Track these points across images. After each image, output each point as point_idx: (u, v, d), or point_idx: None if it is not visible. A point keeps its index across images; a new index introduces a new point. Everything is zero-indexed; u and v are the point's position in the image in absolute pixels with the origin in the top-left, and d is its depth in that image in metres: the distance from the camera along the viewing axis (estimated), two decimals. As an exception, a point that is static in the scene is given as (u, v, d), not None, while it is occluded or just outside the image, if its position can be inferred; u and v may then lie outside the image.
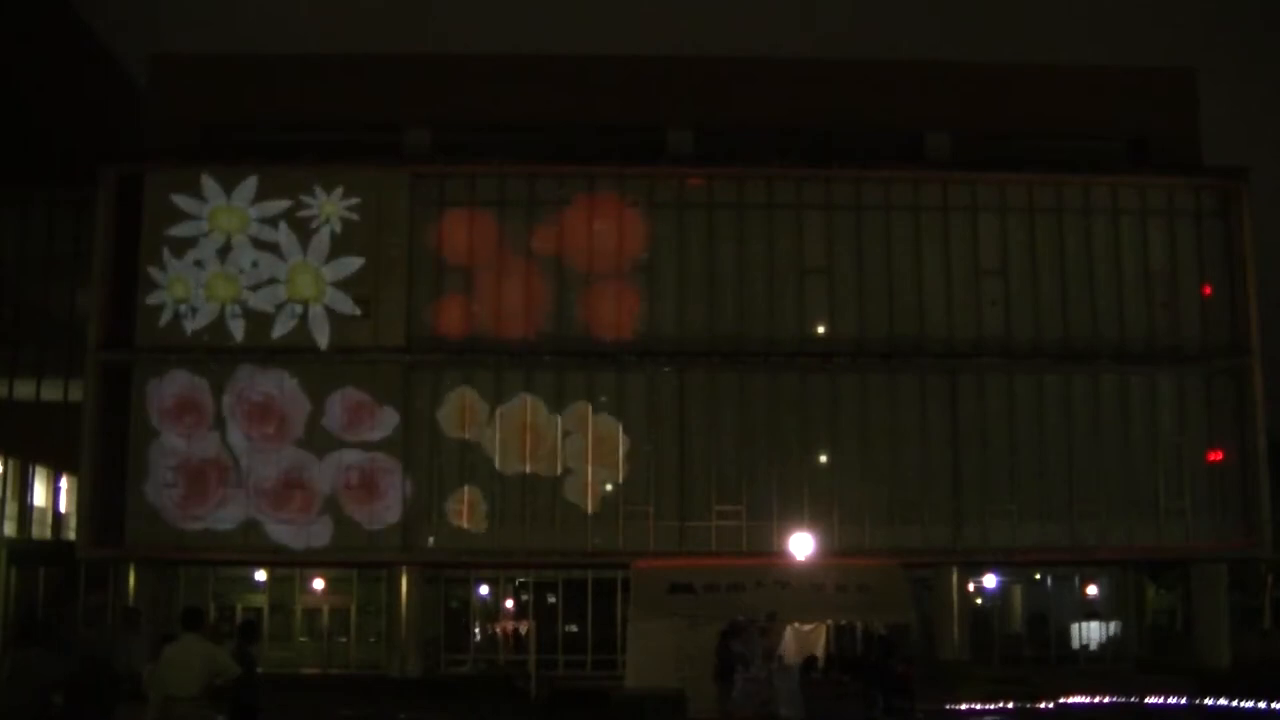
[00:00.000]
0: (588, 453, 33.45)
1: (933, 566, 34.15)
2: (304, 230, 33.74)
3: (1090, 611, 37.05)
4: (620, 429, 33.56)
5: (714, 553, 32.80)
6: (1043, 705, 26.03)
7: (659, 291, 34.20)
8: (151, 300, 33.42)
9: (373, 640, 35.02)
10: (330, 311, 33.53)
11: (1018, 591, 37.86)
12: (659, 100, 35.25)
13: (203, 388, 33.17)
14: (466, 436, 33.54)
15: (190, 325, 33.35)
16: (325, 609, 35.64)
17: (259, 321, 33.42)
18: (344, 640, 35.24)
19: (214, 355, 33.23)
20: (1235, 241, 35.04)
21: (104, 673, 21.34)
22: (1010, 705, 25.77)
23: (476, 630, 35.68)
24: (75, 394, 35.28)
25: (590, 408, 33.61)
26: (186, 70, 35.71)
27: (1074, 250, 34.91)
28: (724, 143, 35.30)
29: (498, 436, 33.52)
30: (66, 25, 43.30)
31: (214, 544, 32.82)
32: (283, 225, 33.73)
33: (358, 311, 33.57)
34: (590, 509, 33.28)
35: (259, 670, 15.70)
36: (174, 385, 33.15)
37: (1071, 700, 26.72)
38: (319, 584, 35.60)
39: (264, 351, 33.30)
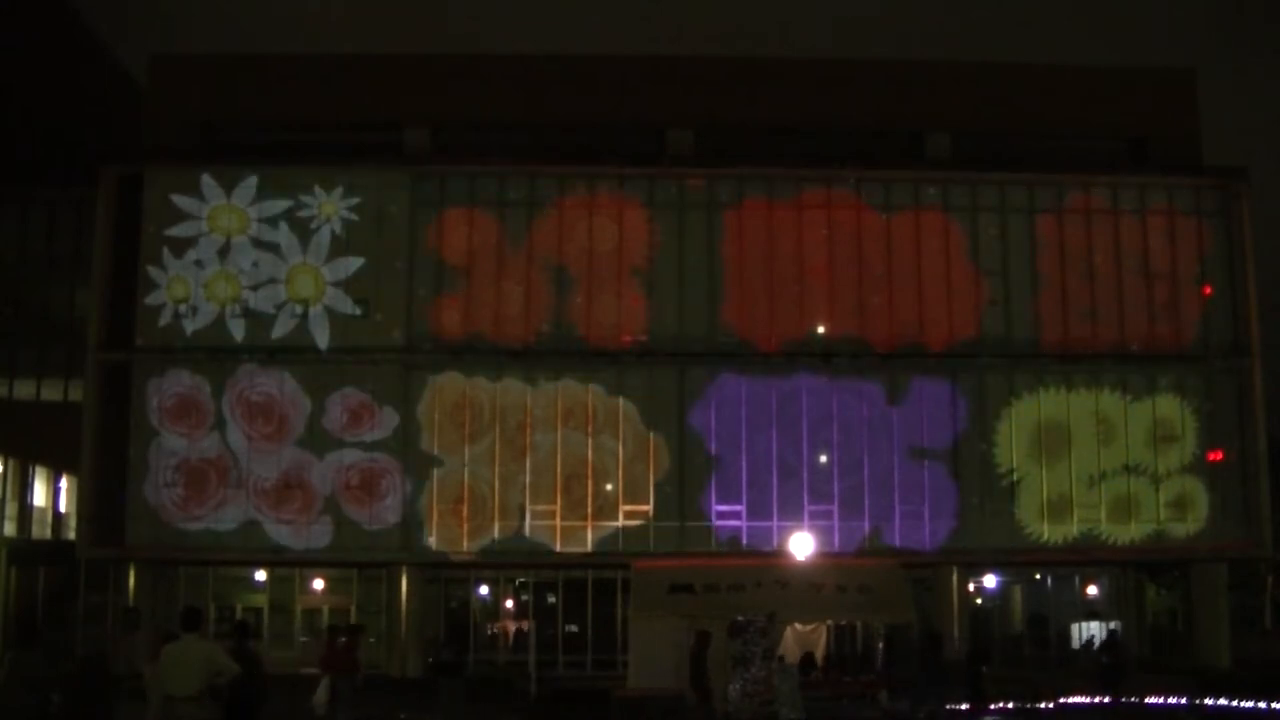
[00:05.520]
0: (588, 452, 33.47)
1: (933, 566, 34.16)
2: (304, 230, 33.76)
3: (1090, 611, 37.03)
4: (620, 429, 33.57)
5: (714, 553, 32.82)
6: (1043, 705, 26.00)
7: (659, 291, 34.21)
8: (151, 300, 33.43)
9: (373, 640, 34.95)
10: (330, 311, 33.55)
11: (1018, 591, 37.87)
12: (659, 100, 35.26)
13: (203, 388, 33.18)
14: (466, 436, 33.55)
15: (190, 325, 33.36)
16: (325, 609, 35.59)
17: (259, 321, 33.44)
18: (344, 640, 35.10)
19: (214, 355, 33.25)
20: (1235, 241, 35.11)
21: (103, 673, 21.38)
22: (1010, 705, 25.75)
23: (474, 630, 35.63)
24: (75, 394, 35.37)
25: (590, 407, 33.62)
26: (186, 70, 35.72)
27: (1074, 250, 34.95)
28: (724, 143, 35.30)
29: (497, 436, 33.53)
30: (66, 25, 43.30)
31: (214, 544, 32.84)
32: (283, 225, 33.76)
33: (358, 311, 33.60)
34: (591, 509, 33.29)
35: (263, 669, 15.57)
36: (174, 385, 33.17)
37: (1071, 700, 26.70)
38: (319, 584, 35.58)
39: (264, 351, 33.32)
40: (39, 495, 39.29)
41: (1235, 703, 24.63)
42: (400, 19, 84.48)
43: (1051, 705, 26.04)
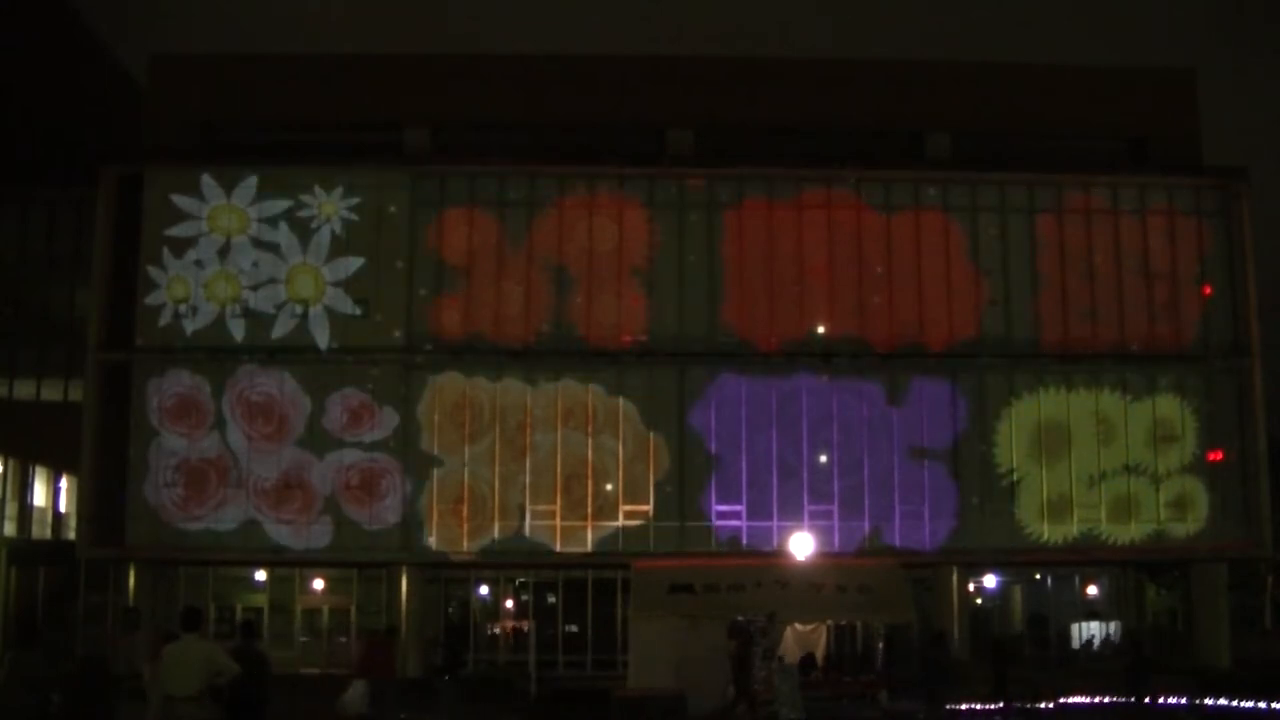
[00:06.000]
0: (588, 452, 33.47)
1: (933, 566, 34.16)
2: (304, 230, 33.76)
3: (1090, 611, 37.05)
4: (620, 429, 33.57)
5: (714, 553, 32.82)
6: (1043, 705, 26.01)
7: (659, 291, 34.20)
8: (151, 300, 33.42)
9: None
10: (330, 311, 33.55)
11: (1018, 591, 37.87)
12: (659, 100, 35.26)
13: (203, 388, 33.18)
14: (466, 436, 33.55)
15: (190, 325, 33.36)
16: (325, 609, 35.60)
17: (259, 321, 33.43)
18: (344, 640, 35.19)
19: (214, 355, 33.24)
20: (1235, 241, 35.12)
21: (103, 673, 21.40)
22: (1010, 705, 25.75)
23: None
24: (75, 394, 35.37)
25: (590, 408, 33.62)
26: (186, 70, 35.71)
27: (1074, 250, 34.95)
28: (724, 143, 35.30)
29: (497, 436, 33.53)
30: (66, 25, 43.30)
31: (214, 544, 32.83)
32: (283, 225, 33.75)
33: (358, 311, 33.60)
34: (591, 509, 33.29)
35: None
36: (174, 385, 33.16)
37: (1071, 700, 26.71)
38: (319, 584, 35.56)
39: (264, 351, 33.32)
40: (39, 495, 39.29)
41: (1235, 703, 24.64)
42: (400, 19, 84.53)
43: (1051, 705, 26.04)
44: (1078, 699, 26.82)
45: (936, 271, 34.54)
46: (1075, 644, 36.70)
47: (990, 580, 37.04)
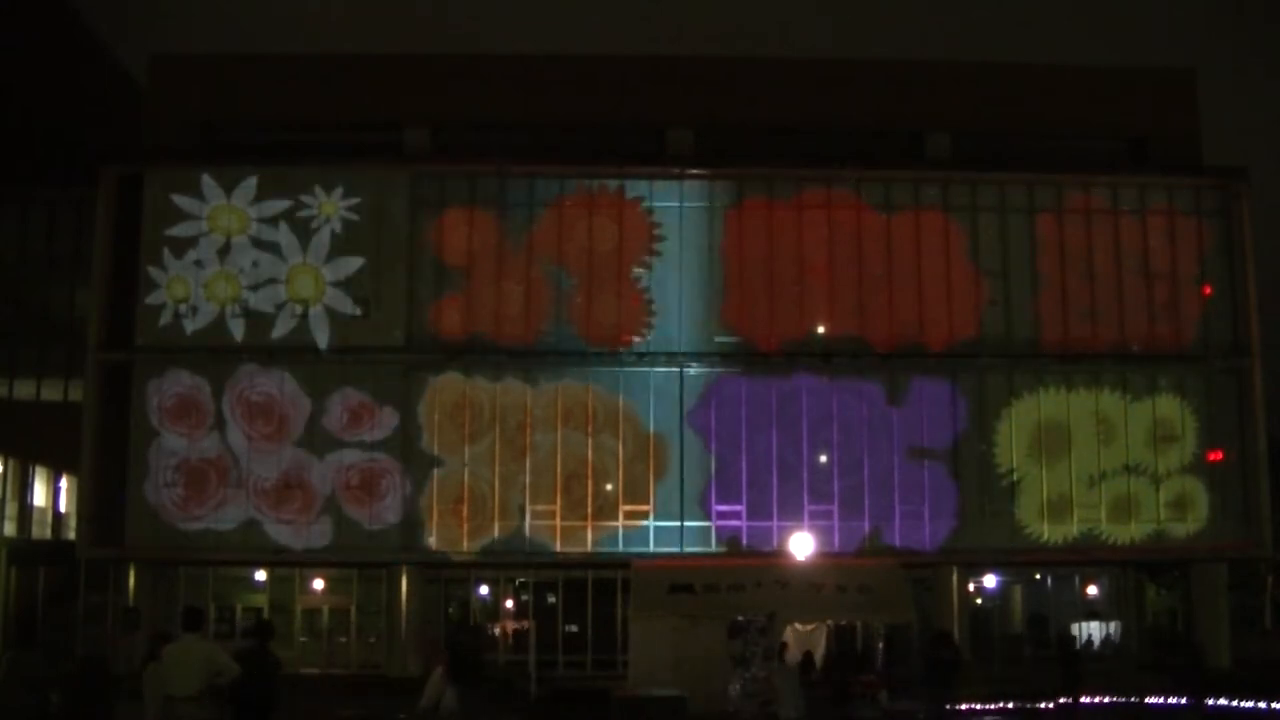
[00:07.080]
0: (588, 452, 33.46)
1: (933, 566, 34.16)
2: (304, 230, 33.76)
3: (1090, 611, 37.03)
4: (620, 429, 33.56)
5: (714, 553, 32.81)
6: (1043, 705, 26.01)
7: (659, 291, 34.20)
8: (151, 300, 33.43)
9: (373, 640, 35.00)
10: (330, 311, 33.55)
11: (1018, 591, 37.86)
12: (659, 100, 35.26)
13: (203, 388, 33.18)
14: (466, 436, 33.55)
15: (190, 325, 33.37)
16: (325, 609, 35.60)
17: (259, 321, 33.43)
18: (344, 640, 35.21)
19: (214, 355, 33.25)
20: (1235, 241, 35.12)
21: (103, 673, 21.42)
22: (1010, 705, 25.75)
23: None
24: (75, 394, 35.35)
25: (590, 408, 33.62)
26: (186, 70, 35.72)
27: (1074, 250, 34.95)
28: (724, 143, 35.30)
29: (497, 436, 33.54)
30: (66, 25, 43.29)
31: (214, 544, 32.83)
32: (283, 225, 33.76)
33: (358, 311, 33.60)
34: (591, 509, 33.29)
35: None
36: (174, 385, 33.17)
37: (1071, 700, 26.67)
38: (319, 584, 35.56)
39: (264, 351, 33.32)
40: (39, 495, 39.27)
41: (1235, 703, 24.64)
42: (400, 19, 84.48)
43: (1052, 705, 26.03)
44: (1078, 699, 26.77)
45: (936, 271, 34.54)
46: (1075, 644, 36.61)
47: (990, 580, 37.03)
